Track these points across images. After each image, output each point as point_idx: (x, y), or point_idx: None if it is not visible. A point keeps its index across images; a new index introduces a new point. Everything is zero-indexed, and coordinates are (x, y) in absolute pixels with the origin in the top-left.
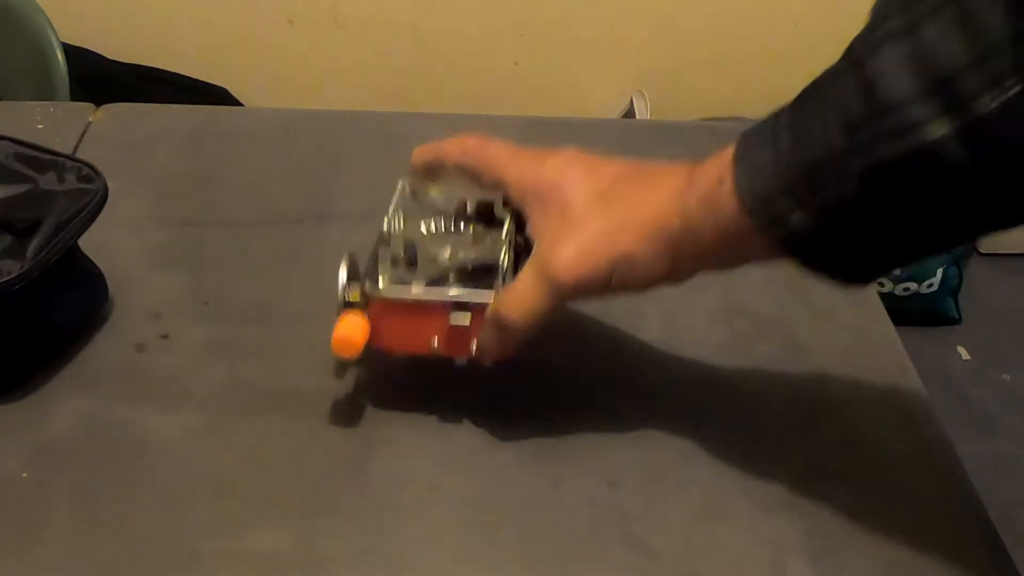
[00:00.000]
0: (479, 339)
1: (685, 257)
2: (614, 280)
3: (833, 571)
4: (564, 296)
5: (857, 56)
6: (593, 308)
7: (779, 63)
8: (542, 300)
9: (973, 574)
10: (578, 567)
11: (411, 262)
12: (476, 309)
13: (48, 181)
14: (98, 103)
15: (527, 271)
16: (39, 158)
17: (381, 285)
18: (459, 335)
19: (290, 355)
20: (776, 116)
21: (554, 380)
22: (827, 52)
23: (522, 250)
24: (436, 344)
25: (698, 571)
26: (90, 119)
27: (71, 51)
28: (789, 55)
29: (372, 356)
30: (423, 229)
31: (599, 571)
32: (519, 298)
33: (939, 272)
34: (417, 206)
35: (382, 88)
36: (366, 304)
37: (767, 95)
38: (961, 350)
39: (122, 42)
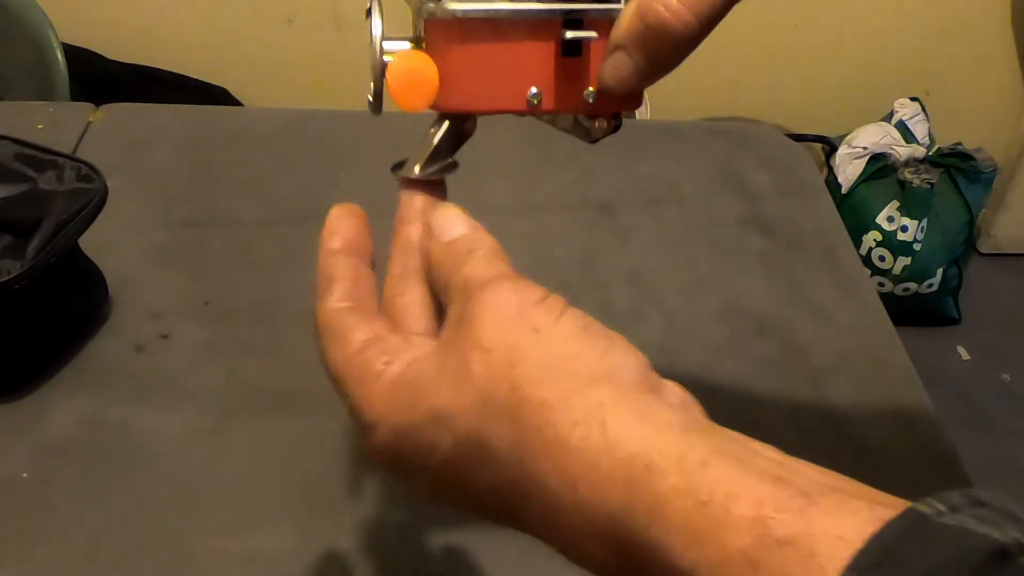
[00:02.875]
0: (610, 63)
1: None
2: None
3: None
4: None
5: None
6: (593, 308)
7: (779, 63)
8: None
9: None
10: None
11: None
12: (597, 22)
13: (47, 181)
14: (98, 103)
15: None
16: (39, 158)
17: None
18: (573, 70)
19: (290, 355)
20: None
21: None
22: (827, 52)
23: None
24: (536, 91)
25: None
26: (90, 119)
27: (71, 51)
28: (789, 55)
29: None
30: None
31: None
32: None
33: (939, 272)
34: None
35: None
36: (422, 37)
37: (767, 95)
38: (961, 350)
39: (122, 42)
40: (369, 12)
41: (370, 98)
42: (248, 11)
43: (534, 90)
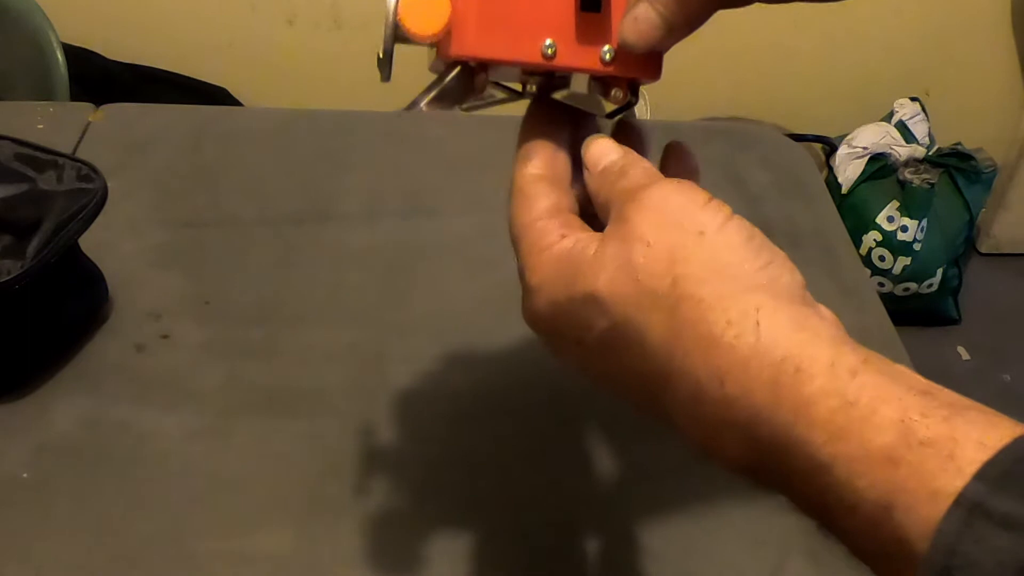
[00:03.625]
0: (632, 15)
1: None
2: None
3: (833, 571)
4: None
5: None
6: None
7: (779, 63)
8: None
9: None
10: (579, 566)
11: None
12: None
13: (47, 181)
14: (98, 103)
15: None
16: (39, 158)
17: None
18: (591, 24)
19: (290, 355)
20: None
21: (555, 380)
22: (826, 52)
23: None
24: (551, 42)
25: (698, 571)
26: (90, 119)
27: (71, 51)
28: (789, 55)
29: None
30: None
31: (600, 570)
32: None
33: (939, 272)
34: None
35: (382, 88)
36: None
37: (767, 95)
38: (961, 350)
39: (122, 42)
40: None
41: (380, 55)
42: (248, 11)
43: (549, 41)
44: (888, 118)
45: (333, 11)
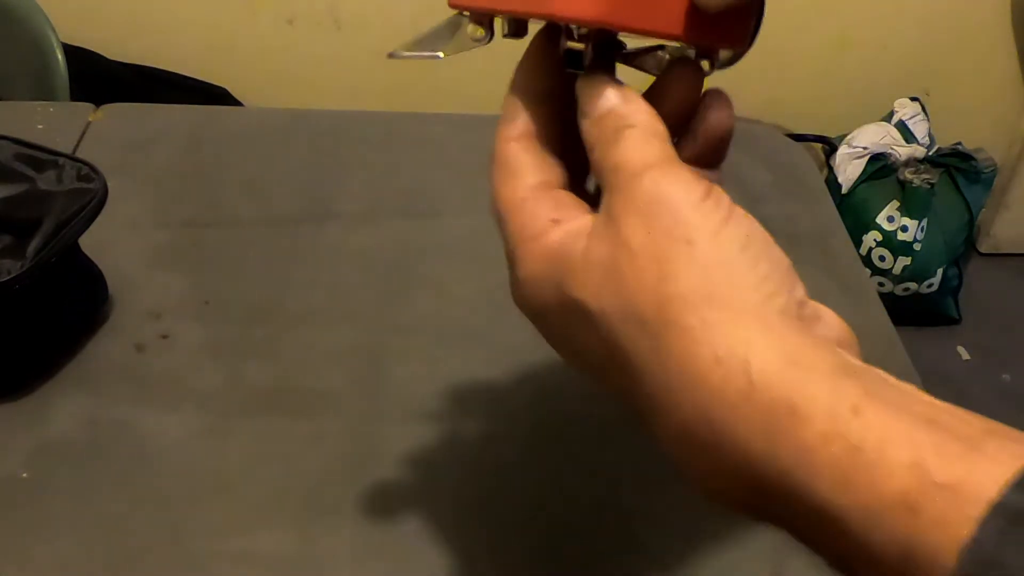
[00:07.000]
0: None
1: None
2: None
3: (833, 572)
4: None
5: None
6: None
7: (779, 63)
8: None
9: None
10: (579, 567)
11: None
12: None
13: (47, 180)
14: (98, 103)
15: None
16: (39, 158)
17: None
18: None
19: (290, 355)
20: None
21: (556, 380)
22: (826, 52)
23: None
24: None
25: (698, 571)
26: (90, 119)
27: (71, 51)
28: (789, 55)
29: None
30: None
31: (600, 571)
32: None
33: (939, 272)
34: None
35: (382, 88)
36: None
37: (767, 95)
38: (961, 350)
39: (122, 42)
40: None
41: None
42: (248, 11)
43: None
44: (888, 118)
45: (333, 11)
